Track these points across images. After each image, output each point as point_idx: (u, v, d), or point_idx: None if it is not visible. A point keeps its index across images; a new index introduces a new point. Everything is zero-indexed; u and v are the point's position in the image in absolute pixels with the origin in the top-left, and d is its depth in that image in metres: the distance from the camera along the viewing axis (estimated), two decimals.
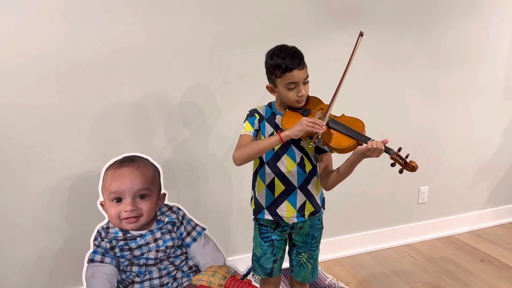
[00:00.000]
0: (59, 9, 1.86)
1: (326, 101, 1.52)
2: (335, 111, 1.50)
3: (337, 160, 1.57)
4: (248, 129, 1.52)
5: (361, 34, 1.45)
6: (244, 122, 1.55)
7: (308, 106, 1.52)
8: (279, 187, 1.53)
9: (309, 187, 1.55)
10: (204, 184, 2.29)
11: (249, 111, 1.57)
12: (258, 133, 1.55)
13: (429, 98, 2.73)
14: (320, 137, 1.37)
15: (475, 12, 2.73)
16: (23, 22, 1.83)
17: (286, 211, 1.53)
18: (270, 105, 1.59)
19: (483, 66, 2.85)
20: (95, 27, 1.93)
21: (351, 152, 1.44)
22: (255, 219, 1.64)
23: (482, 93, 2.90)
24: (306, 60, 1.46)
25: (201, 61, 2.14)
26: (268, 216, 1.57)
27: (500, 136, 3.06)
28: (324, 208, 1.64)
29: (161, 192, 1.96)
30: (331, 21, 2.36)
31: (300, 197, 1.54)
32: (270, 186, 1.54)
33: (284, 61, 1.40)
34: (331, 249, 2.64)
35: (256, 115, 1.54)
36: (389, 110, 2.63)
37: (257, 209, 1.59)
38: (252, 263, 1.68)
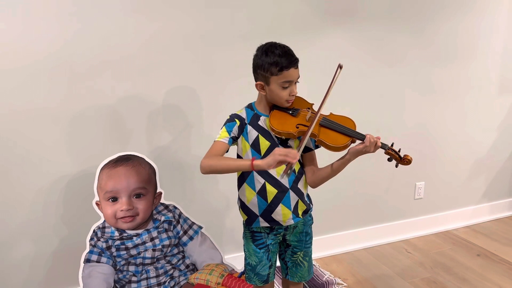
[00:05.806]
0: (46, 11, 1.85)
1: (311, 101, 1.53)
2: (323, 110, 1.49)
3: (326, 157, 1.55)
4: (224, 135, 1.46)
5: (340, 67, 1.43)
6: (222, 127, 1.49)
7: (295, 105, 1.50)
8: (271, 191, 1.48)
9: (299, 186, 1.52)
10: (200, 182, 2.28)
11: (230, 116, 1.51)
12: (236, 140, 1.49)
13: (425, 94, 2.73)
14: (292, 167, 1.35)
15: (472, 8, 2.73)
16: (18, 23, 1.81)
17: (282, 214, 1.49)
18: (250, 106, 1.53)
19: (478, 62, 2.85)
20: (91, 27, 1.92)
21: (344, 150, 1.45)
22: (247, 227, 1.59)
23: (478, 88, 2.90)
24: (300, 58, 1.45)
25: (198, 60, 2.13)
26: (264, 224, 1.52)
27: (495, 131, 3.06)
28: (312, 204, 1.61)
29: (157, 191, 1.95)
30: (325, 18, 2.35)
31: (293, 198, 1.51)
32: (262, 193, 1.49)
33: (281, 59, 1.38)
34: (328, 245, 2.64)
35: (237, 120, 1.48)
36: (384, 106, 2.63)
37: (250, 219, 1.54)
38: (247, 273, 1.61)
